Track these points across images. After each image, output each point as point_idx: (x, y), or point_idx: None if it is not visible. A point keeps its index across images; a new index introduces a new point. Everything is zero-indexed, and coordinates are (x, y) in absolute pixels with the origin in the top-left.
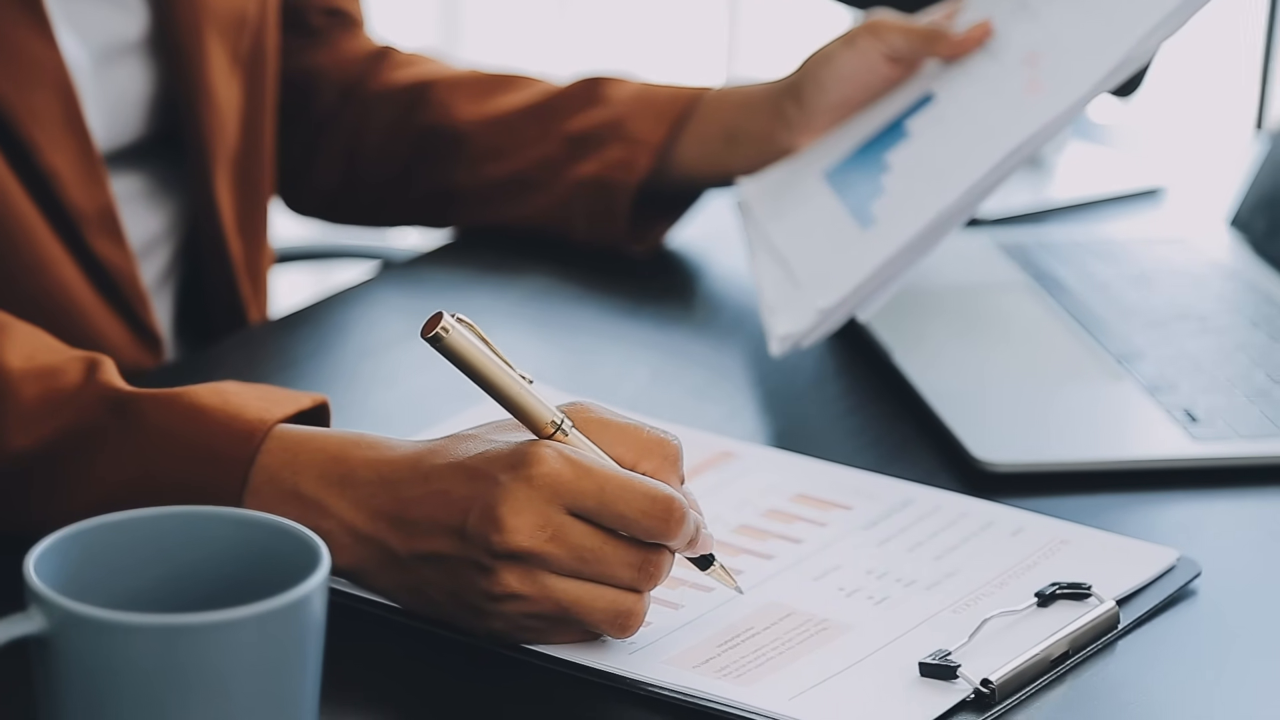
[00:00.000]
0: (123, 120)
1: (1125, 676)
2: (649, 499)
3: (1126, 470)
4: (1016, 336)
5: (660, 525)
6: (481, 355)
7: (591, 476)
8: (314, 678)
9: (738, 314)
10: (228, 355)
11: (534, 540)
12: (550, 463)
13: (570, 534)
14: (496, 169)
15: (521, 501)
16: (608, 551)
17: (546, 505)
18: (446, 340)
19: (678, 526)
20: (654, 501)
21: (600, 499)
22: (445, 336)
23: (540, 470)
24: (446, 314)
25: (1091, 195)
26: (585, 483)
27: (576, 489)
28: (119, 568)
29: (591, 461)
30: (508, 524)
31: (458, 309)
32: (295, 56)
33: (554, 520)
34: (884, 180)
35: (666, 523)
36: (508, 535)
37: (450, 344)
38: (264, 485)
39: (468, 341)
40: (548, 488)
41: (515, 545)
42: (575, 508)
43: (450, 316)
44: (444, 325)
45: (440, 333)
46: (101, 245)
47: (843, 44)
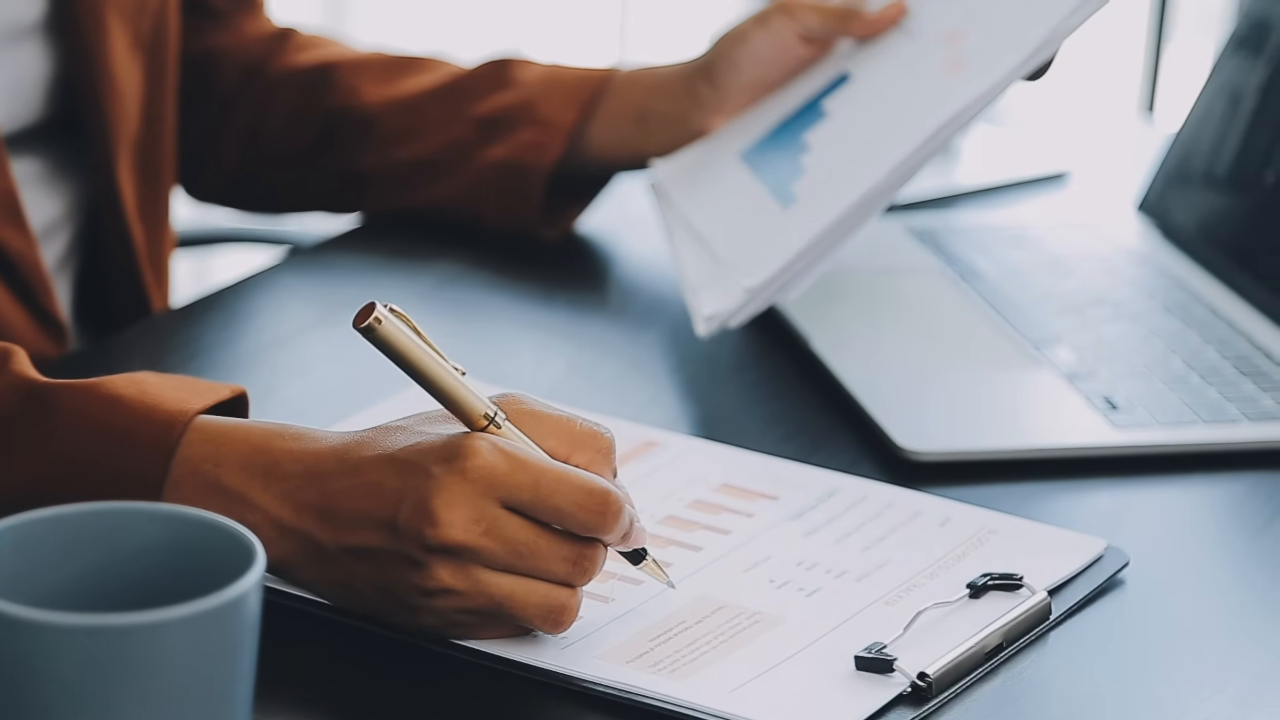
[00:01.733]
0: (21, 102)
1: (1059, 667)
2: (585, 492)
3: (1050, 459)
4: (933, 323)
5: (596, 519)
6: (414, 346)
7: (527, 469)
8: (248, 679)
9: (652, 300)
10: (133, 344)
11: (468, 534)
12: (485, 455)
13: (505, 528)
14: (405, 152)
15: (456, 495)
16: (542, 545)
17: (481, 499)
18: (379, 331)
19: (614, 520)
20: (590, 495)
21: (536, 492)
22: (378, 327)
23: (475, 463)
24: (380, 304)
25: (998, 180)
26: (520, 475)
27: (511, 482)
28: (44, 565)
29: (526, 454)
30: (441, 518)
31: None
32: (196, 38)
33: (488, 514)
34: (804, 160)
35: (603, 516)
36: (441, 529)
37: (383, 335)
38: (185, 477)
39: (400, 332)
40: (482, 481)
41: (449, 539)
42: (510, 501)
43: (383, 307)
44: (377, 316)
45: (373, 323)
46: (3, 230)
47: (756, 23)
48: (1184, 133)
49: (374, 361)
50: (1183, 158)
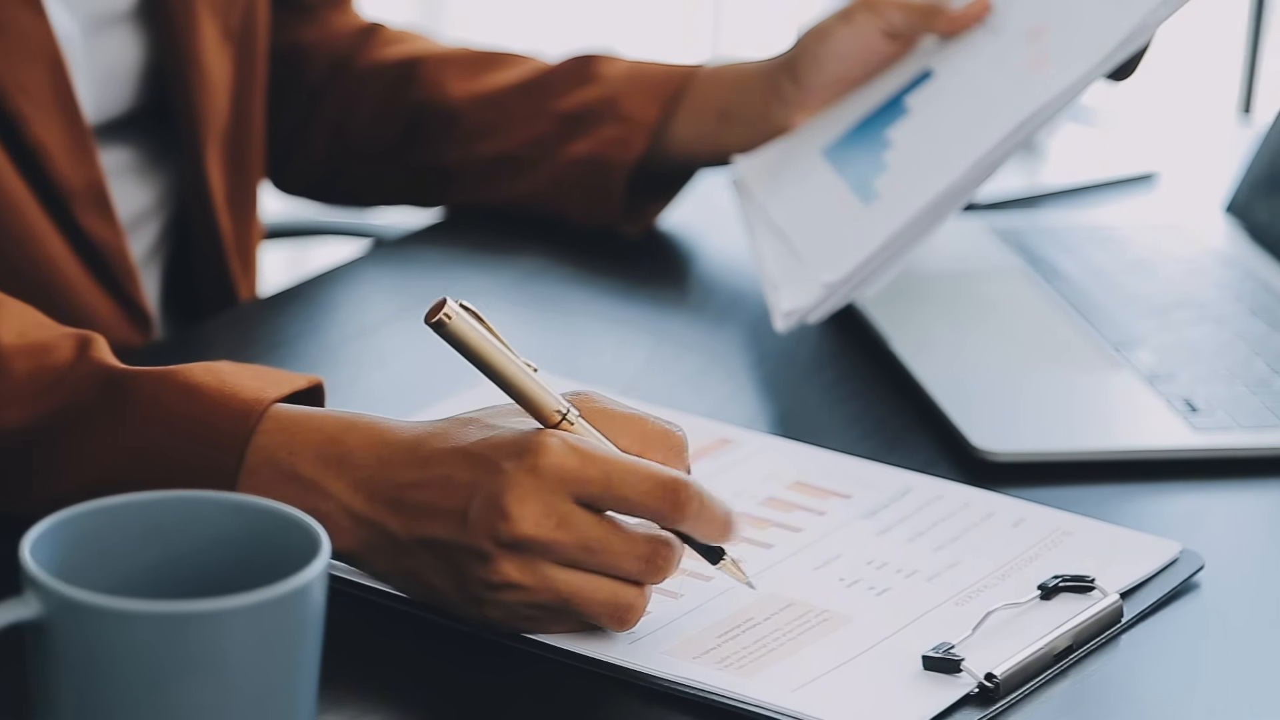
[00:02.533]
0: (112, 92)
1: (1129, 670)
2: (655, 482)
3: (1127, 460)
4: (1014, 323)
5: (668, 508)
6: (486, 342)
7: (597, 463)
8: (312, 666)
9: (732, 297)
10: (218, 334)
11: (540, 529)
12: (555, 452)
13: (576, 523)
14: (488, 147)
15: (527, 490)
16: (614, 542)
17: (552, 494)
18: (450, 327)
19: (686, 508)
20: (660, 485)
21: (606, 485)
22: (448, 323)
23: (546, 460)
24: (450, 300)
25: (1085, 180)
26: (591, 470)
27: (582, 476)
28: (116, 552)
29: (597, 449)
30: (513, 512)
31: (449, 289)
32: (284, 32)
33: (560, 509)
34: (886, 156)
35: (675, 505)
36: (513, 524)
37: (453, 330)
38: (261, 465)
39: (471, 328)
40: (554, 477)
41: (520, 534)
42: (581, 496)
43: (454, 302)
44: (446, 311)
45: (443, 319)
46: (90, 221)
47: (840, 19)
48: (1273, 133)
49: (452, 355)
50: (1271, 158)
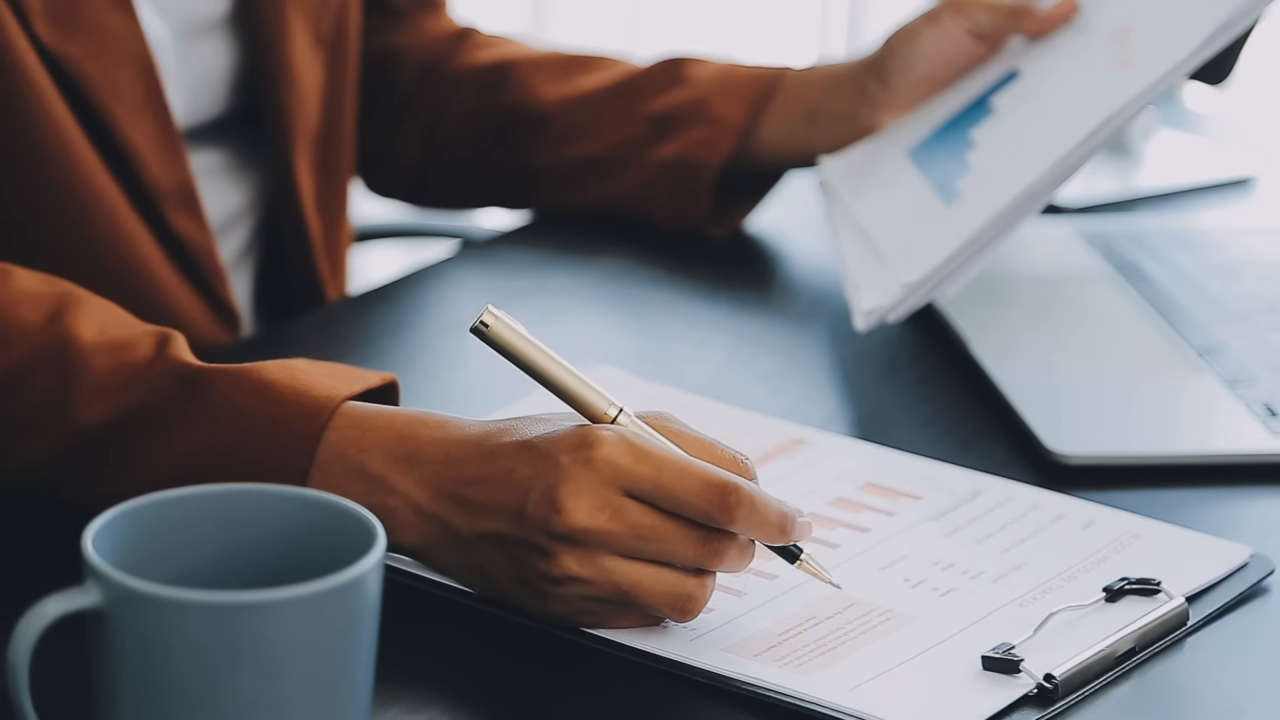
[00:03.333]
0: (204, 97)
1: (1193, 674)
2: (705, 483)
3: (1203, 464)
4: (1095, 327)
5: (718, 509)
6: (531, 347)
7: (650, 460)
8: (368, 657)
9: (815, 299)
10: (304, 332)
11: (593, 520)
12: (610, 445)
13: (629, 513)
14: (578, 149)
15: (580, 483)
16: (669, 529)
17: (605, 486)
18: (489, 332)
19: (736, 510)
20: (710, 485)
21: (658, 481)
22: (487, 330)
23: (600, 453)
24: (491, 307)
25: (1180, 184)
26: (644, 465)
27: (635, 471)
28: (177, 544)
29: (652, 445)
30: (566, 505)
31: (535, 289)
32: (377, 36)
33: (613, 501)
34: (970, 157)
35: (724, 506)
36: (566, 515)
37: (495, 335)
38: (331, 462)
39: (515, 334)
40: (607, 469)
41: (574, 525)
42: (633, 490)
43: (494, 310)
44: (483, 320)
45: (480, 326)
46: (180, 221)
47: (927, 21)
48: None
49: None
50: None
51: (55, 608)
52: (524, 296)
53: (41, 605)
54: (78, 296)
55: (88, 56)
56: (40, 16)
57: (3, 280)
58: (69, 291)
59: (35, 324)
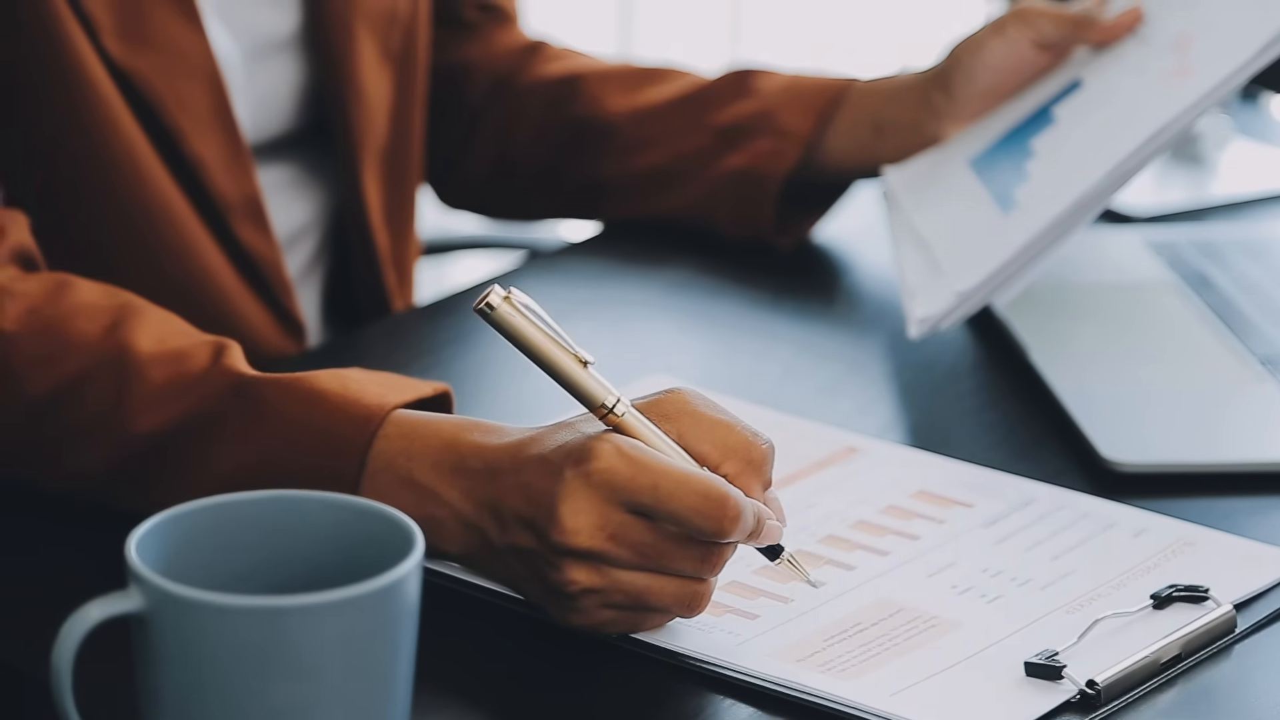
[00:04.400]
0: (272, 113)
1: (1239, 681)
2: (702, 497)
3: (1259, 473)
4: (1157, 336)
5: (713, 524)
6: (534, 330)
7: (647, 473)
8: (407, 661)
9: (877, 308)
10: (369, 342)
11: (593, 540)
12: (607, 459)
13: (629, 533)
14: (645, 160)
15: (580, 501)
16: (668, 548)
17: (604, 504)
18: (494, 315)
19: (732, 525)
20: (707, 500)
21: (655, 496)
22: (490, 313)
23: (597, 466)
24: (499, 288)
25: (1251, 193)
26: (641, 479)
27: (632, 486)
28: (220, 550)
29: (649, 456)
30: (566, 524)
31: (600, 298)
32: (447, 50)
33: (613, 519)
34: (1029, 166)
35: (719, 520)
36: (567, 535)
37: (499, 318)
38: (381, 470)
39: (519, 317)
40: (605, 485)
41: (575, 545)
42: (632, 504)
43: (502, 290)
44: (489, 301)
45: (485, 308)
46: (247, 233)
47: (992, 31)
48: None
49: (604, 364)
50: None
51: (98, 611)
52: (589, 305)
53: (85, 609)
54: (137, 307)
55: (156, 71)
56: (110, 32)
57: (64, 292)
58: (128, 302)
59: (94, 335)
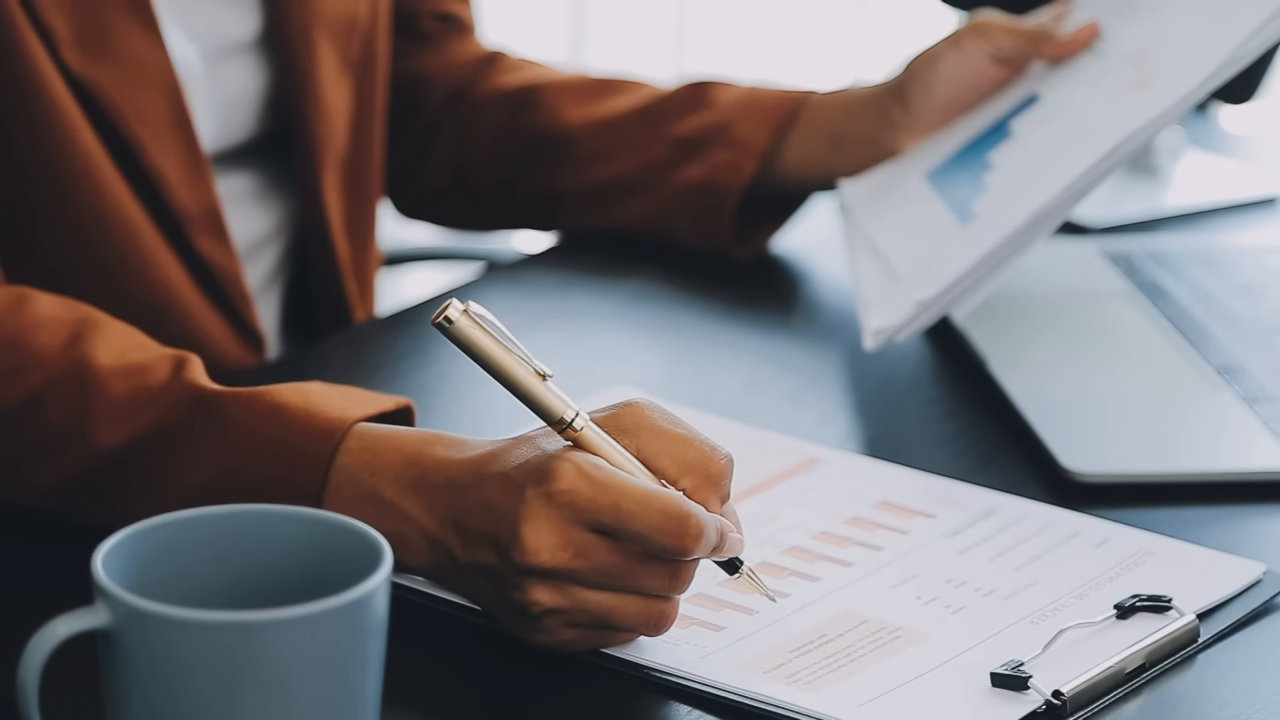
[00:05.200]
0: (231, 121)
1: (1202, 691)
2: (664, 516)
3: (1219, 483)
4: (1115, 346)
5: (675, 542)
6: (492, 345)
7: (609, 492)
8: (375, 676)
9: (837, 319)
10: (328, 354)
11: (556, 559)
12: (568, 479)
13: (592, 552)
14: (602, 172)
15: (542, 521)
16: (632, 567)
17: (567, 524)
18: (452, 329)
19: (694, 543)
20: (669, 519)
21: (617, 516)
22: (450, 326)
23: (559, 487)
24: (456, 302)
25: (1206, 204)
26: (602, 499)
27: (594, 507)
28: (187, 565)
29: (610, 476)
30: (528, 544)
31: (560, 310)
32: (406, 60)
33: (576, 539)
34: (987, 179)
35: (681, 539)
36: (529, 555)
37: (457, 333)
38: (344, 485)
39: (477, 331)
40: (567, 505)
41: (537, 564)
42: (594, 524)
43: (460, 305)
44: (446, 316)
45: (444, 322)
46: (206, 245)
47: (949, 45)
48: None
49: (563, 377)
50: None
51: (65, 628)
52: (548, 318)
53: (51, 625)
54: (97, 321)
55: (115, 82)
56: (68, 44)
57: (23, 305)
58: (88, 316)
59: (54, 349)
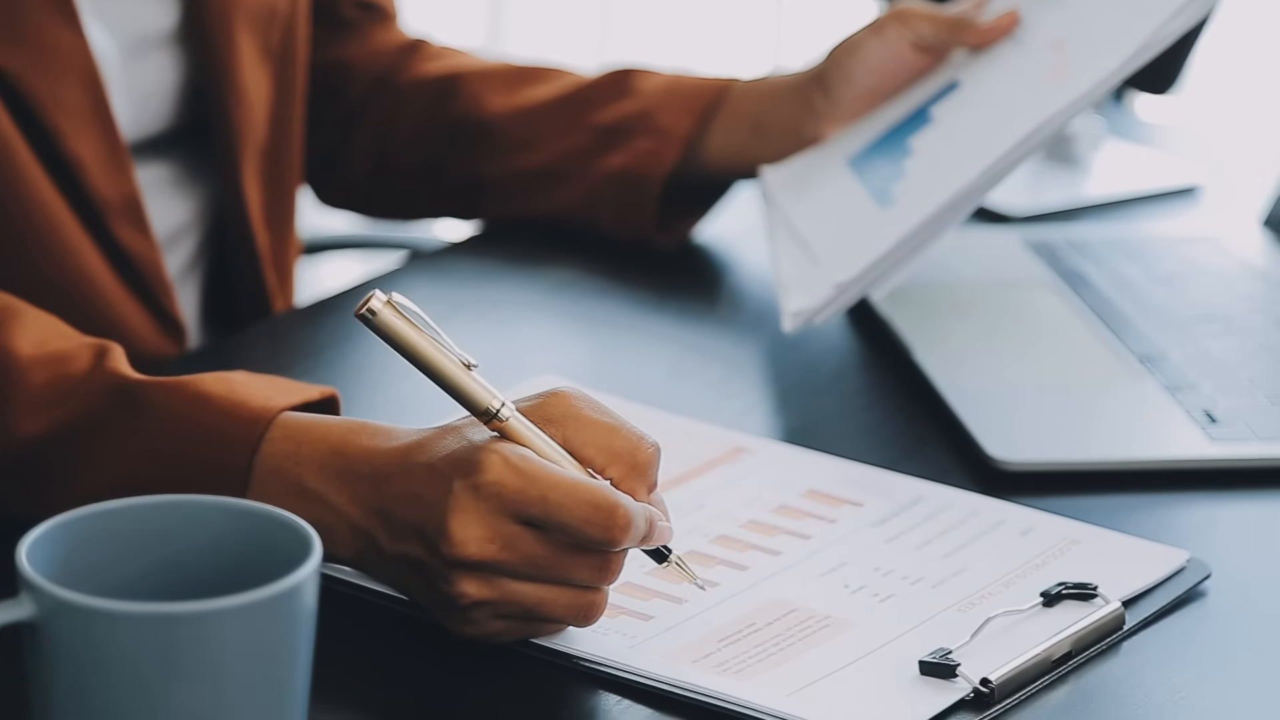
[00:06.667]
0: (151, 110)
1: (1129, 677)
2: (592, 507)
3: (1143, 470)
4: (1039, 335)
5: (603, 533)
6: (416, 336)
7: (536, 484)
8: (304, 667)
9: (761, 308)
10: (250, 344)
11: (484, 551)
12: (495, 470)
13: (520, 544)
14: (526, 160)
15: (469, 513)
16: (561, 558)
17: (494, 516)
18: (376, 320)
19: (623, 534)
20: (597, 509)
21: (544, 508)
22: (373, 318)
23: (486, 479)
24: (379, 293)
25: (1125, 193)
26: (530, 491)
27: (521, 499)
28: (113, 555)
29: (537, 467)
30: (456, 536)
31: (483, 299)
32: (327, 48)
33: (503, 531)
34: (906, 164)
35: (609, 530)
36: (456, 547)
37: (380, 324)
38: (268, 475)
39: (401, 322)
40: (494, 497)
41: (465, 556)
42: (522, 516)
43: (383, 296)
44: (370, 307)
45: (367, 314)
46: (125, 233)
47: (870, 32)
48: None
49: (487, 367)
50: None
51: None
52: (472, 306)
53: None
54: (16, 310)
55: (33, 71)
56: None
57: None
58: (8, 305)
59: None
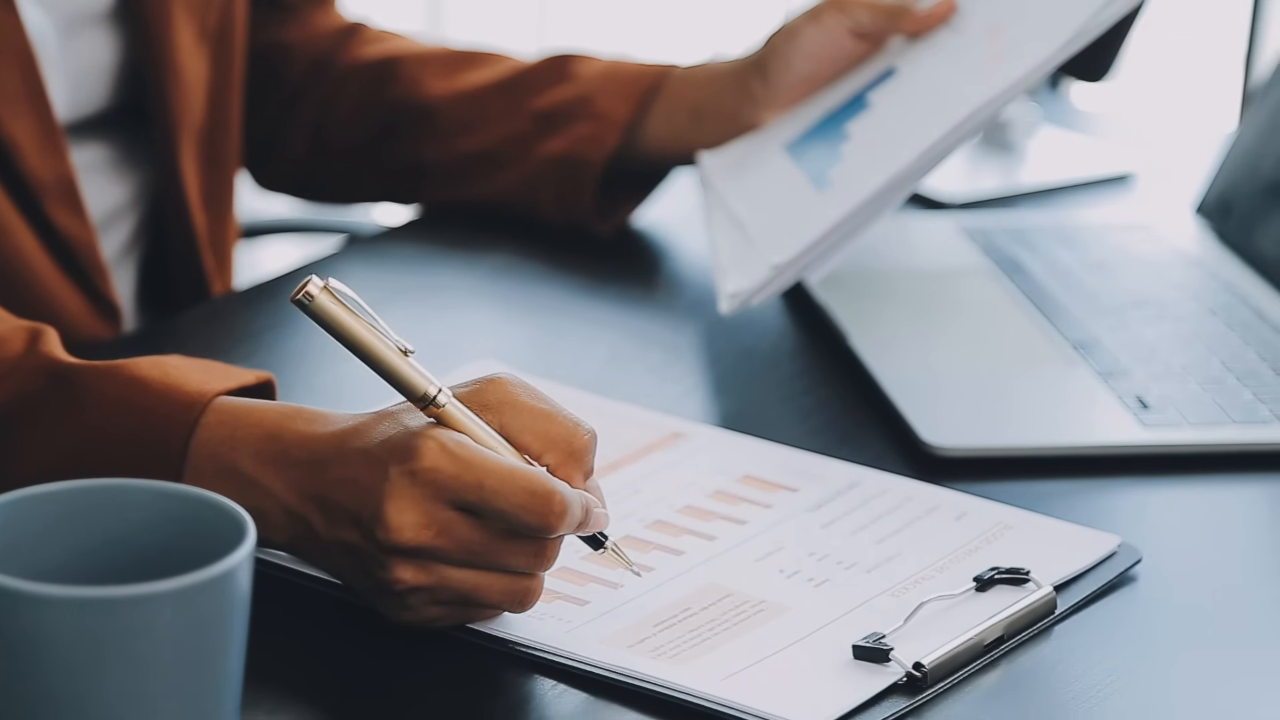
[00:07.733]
0: (86, 90)
1: (1060, 661)
2: (528, 493)
3: (1076, 456)
4: (973, 321)
5: (539, 520)
6: (353, 321)
7: (472, 470)
8: (238, 653)
9: (698, 294)
10: (188, 327)
11: (420, 537)
12: (431, 456)
13: (456, 530)
14: (465, 144)
15: (405, 499)
16: (497, 544)
17: (429, 502)
18: (313, 306)
19: (558, 520)
20: (533, 496)
21: (480, 494)
22: (310, 303)
23: (422, 465)
24: (316, 278)
25: (1061, 180)
26: (466, 477)
27: (457, 485)
28: (45, 539)
29: (473, 453)
30: (391, 522)
31: (422, 284)
32: (265, 31)
33: (439, 517)
34: (843, 148)
35: (545, 516)
36: (392, 533)
37: (317, 309)
38: (204, 460)
39: (337, 307)
40: (430, 484)
41: (400, 542)
42: (458, 502)
43: (320, 281)
44: (308, 291)
45: (304, 299)
46: (60, 215)
47: (808, 19)
48: (1243, 134)
49: (426, 352)
50: (1239, 160)
51: None
52: (410, 292)
53: None
54: None
55: None
56: None
57: None
58: None
59: None
